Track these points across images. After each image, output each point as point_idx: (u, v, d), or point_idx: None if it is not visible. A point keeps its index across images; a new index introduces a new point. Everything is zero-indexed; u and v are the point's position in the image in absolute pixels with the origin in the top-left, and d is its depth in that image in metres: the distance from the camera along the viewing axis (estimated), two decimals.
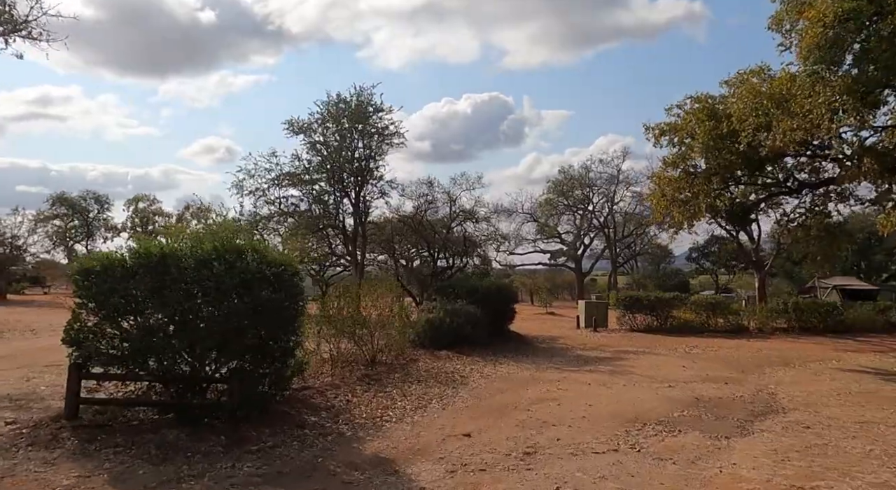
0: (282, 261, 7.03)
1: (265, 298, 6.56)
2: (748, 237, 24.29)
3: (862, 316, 22.74)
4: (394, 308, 12.57)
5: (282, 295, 6.88)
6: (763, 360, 15.72)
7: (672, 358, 15.94)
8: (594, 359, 15.29)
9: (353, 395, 8.91)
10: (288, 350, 7.22)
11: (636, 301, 22.58)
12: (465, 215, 21.20)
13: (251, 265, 6.48)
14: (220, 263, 6.27)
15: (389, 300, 12.33)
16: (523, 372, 12.59)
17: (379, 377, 10.32)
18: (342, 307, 10.85)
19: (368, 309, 11.82)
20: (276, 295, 6.75)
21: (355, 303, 10.98)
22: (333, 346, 10.66)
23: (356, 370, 10.72)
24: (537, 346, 18.04)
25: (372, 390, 9.31)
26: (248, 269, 6.43)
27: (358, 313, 11.84)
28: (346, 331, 10.72)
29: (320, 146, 20.47)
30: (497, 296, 17.21)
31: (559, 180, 41.26)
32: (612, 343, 19.25)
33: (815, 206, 16.28)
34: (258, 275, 6.51)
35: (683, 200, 17.10)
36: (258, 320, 6.59)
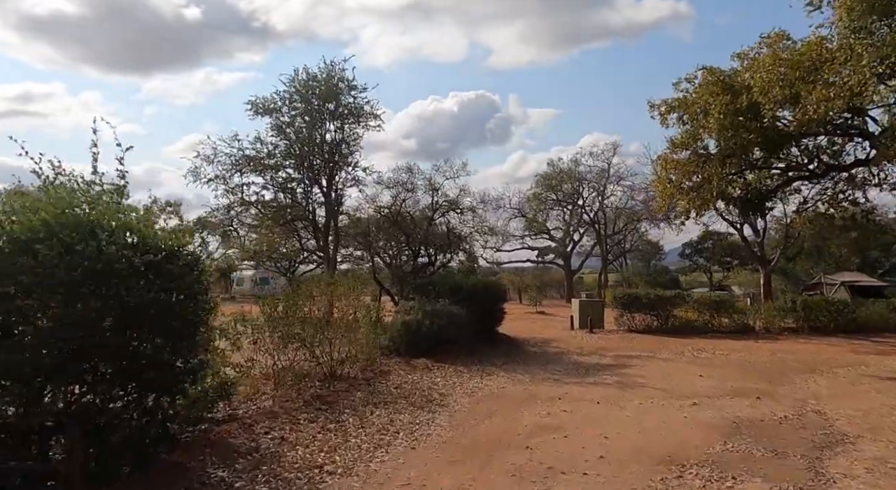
0: (167, 244, 4.71)
1: (140, 299, 4.26)
2: (753, 230, 22.38)
3: (874, 314, 20.84)
4: (361, 309, 10.26)
5: (168, 295, 4.57)
6: (783, 366, 13.69)
7: (681, 363, 13.84)
8: (596, 366, 13.12)
9: (293, 427, 6.60)
10: (181, 374, 4.89)
11: (635, 299, 20.47)
12: (448, 206, 18.90)
13: (108, 249, 4.14)
14: (51, 247, 3.93)
15: (355, 300, 10.01)
16: (516, 386, 10.35)
17: (335, 398, 8.01)
18: (293, 307, 8.50)
19: (327, 309, 9.51)
20: (158, 295, 4.44)
21: (305, 303, 8.63)
22: (278, 358, 8.30)
23: (308, 389, 8.41)
24: (529, 350, 15.83)
25: (320, 420, 7.00)
26: (103, 256, 4.10)
27: (320, 316, 9.54)
28: (295, 338, 8.39)
29: (287, 128, 18.06)
30: (484, 294, 14.98)
31: (548, 174, 39.16)
32: (612, 346, 17.10)
33: (839, 193, 14.29)
34: (122, 264, 4.19)
35: (693, 186, 15.02)
36: (126, 332, 4.27)
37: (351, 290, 9.98)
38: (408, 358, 12.22)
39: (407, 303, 13.71)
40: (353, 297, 10.05)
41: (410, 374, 10.65)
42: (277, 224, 19.07)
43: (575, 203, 39.94)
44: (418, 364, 11.63)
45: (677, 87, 14.98)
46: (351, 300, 10.06)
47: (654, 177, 15.42)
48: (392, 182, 18.02)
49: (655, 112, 15.23)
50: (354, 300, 10.07)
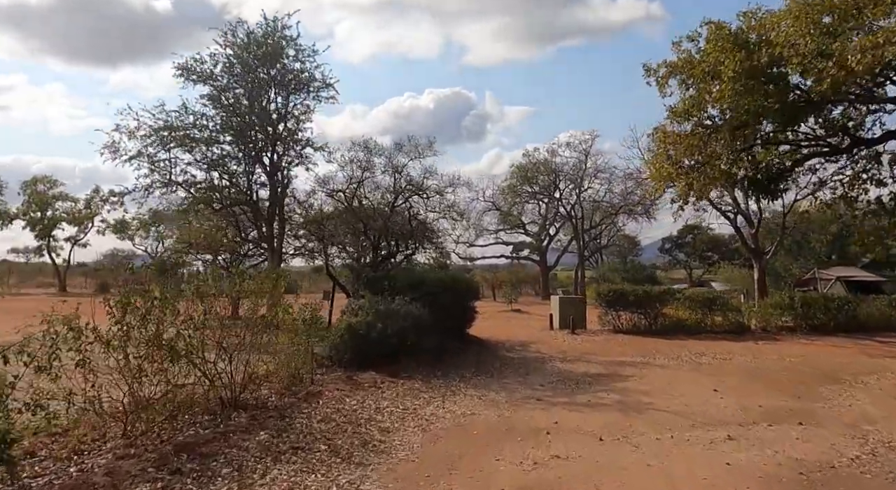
0: None
1: None
2: (747, 220, 20.30)
3: (876, 312, 18.94)
4: (281, 309, 7.53)
5: None
6: (801, 375, 11.48)
7: (685, 372, 11.48)
8: (586, 377, 10.64)
9: None
10: None
11: (621, 296, 18.12)
12: (412, 189, 16.21)
13: None
14: None
15: (274, 298, 7.27)
16: (488, 410, 7.75)
17: (218, 446, 5.28)
18: (162, 307, 5.71)
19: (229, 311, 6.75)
20: None
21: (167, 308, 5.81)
22: (133, 384, 5.46)
23: (187, 428, 5.66)
24: (505, 356, 13.29)
25: None
26: None
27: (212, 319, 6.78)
28: (166, 350, 5.60)
29: (224, 96, 15.13)
30: (451, 291, 12.36)
31: (523, 165, 36.76)
32: (599, 350, 14.70)
33: (861, 172, 12.13)
34: None
35: (695, 164, 12.67)
36: None
37: (260, 285, 7.18)
38: (352, 371, 9.54)
39: (356, 301, 11.01)
40: (270, 296, 7.28)
41: (350, 395, 7.96)
42: (213, 209, 16.11)
43: (551, 195, 37.63)
44: (364, 380, 8.95)
45: (677, 48, 12.59)
46: (264, 299, 7.30)
47: (648, 155, 13.02)
48: (346, 161, 15.22)
49: (652, 78, 12.84)
50: (271, 299, 7.30)
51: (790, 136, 12.16)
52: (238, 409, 6.44)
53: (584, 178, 35.81)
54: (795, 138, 12.26)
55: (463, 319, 13.23)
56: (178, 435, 5.45)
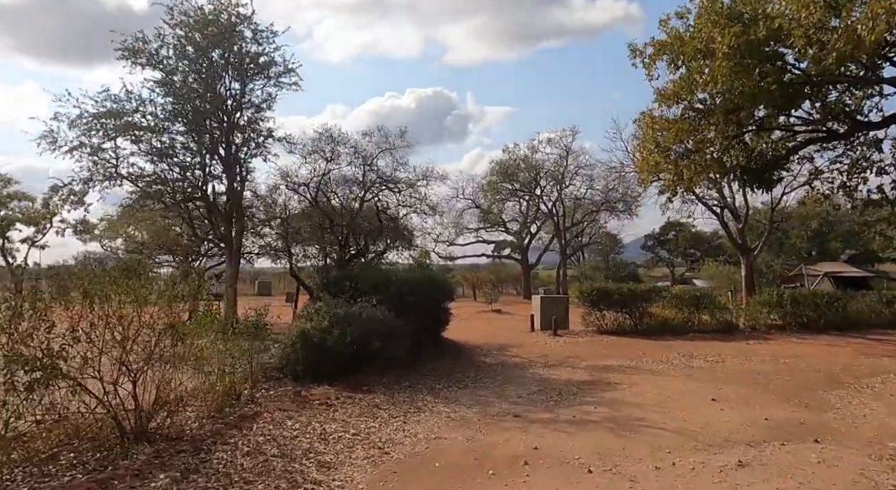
0: None
1: None
2: (733, 215, 19.43)
3: (866, 308, 18.19)
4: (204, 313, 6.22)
5: None
6: (802, 378, 10.53)
7: (678, 379, 10.41)
8: (570, 386, 9.49)
9: None
10: None
11: (605, 295, 17.07)
12: (382, 182, 14.93)
13: None
14: None
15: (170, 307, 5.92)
16: (457, 432, 6.53)
17: None
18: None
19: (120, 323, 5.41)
20: None
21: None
22: None
23: (62, 473, 4.35)
24: (482, 362, 12.11)
25: None
26: None
27: None
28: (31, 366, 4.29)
29: (174, 81, 13.70)
30: (423, 291, 11.11)
31: (503, 161, 35.65)
32: (583, 353, 13.60)
33: (860, 160, 11.20)
34: None
35: (685, 152, 11.65)
36: None
37: (147, 290, 5.77)
38: (305, 385, 8.26)
39: (313, 305, 9.71)
40: (169, 303, 5.90)
41: (294, 416, 6.68)
42: (165, 205, 14.64)
43: (532, 192, 36.56)
44: (315, 396, 7.68)
45: (664, 26, 11.52)
46: (183, 303, 5.97)
47: (634, 143, 11.94)
48: (309, 152, 13.88)
49: (638, 59, 11.75)
50: (176, 308, 5.94)
51: (786, 122, 11.17)
52: (145, 442, 5.13)
53: (564, 175, 34.82)
54: (791, 123, 11.29)
55: (436, 322, 12.01)
56: (45, 484, 4.14)
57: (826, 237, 38.03)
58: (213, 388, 6.44)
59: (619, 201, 35.48)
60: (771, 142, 11.67)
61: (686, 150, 11.77)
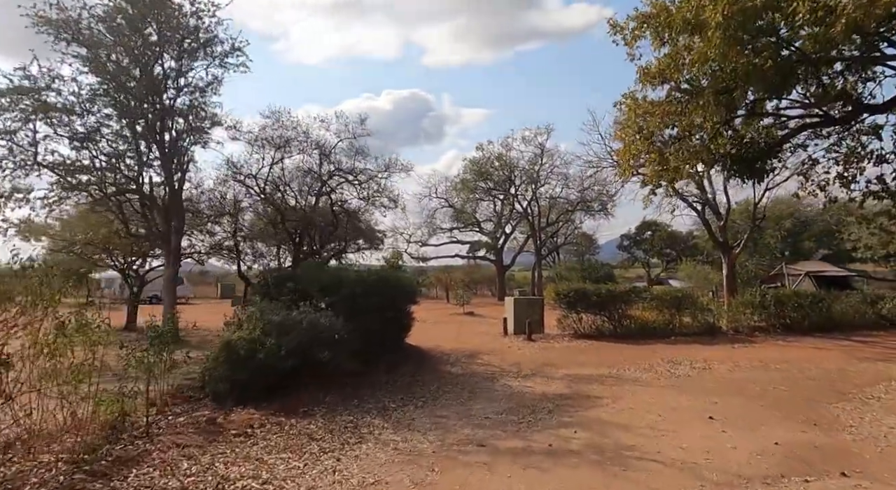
0: None
1: None
2: (713, 211, 18.45)
3: (850, 309, 17.39)
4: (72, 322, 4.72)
5: None
6: (799, 388, 9.45)
7: (666, 391, 9.18)
8: (546, 402, 8.17)
9: None
10: None
11: (582, 297, 15.87)
12: (340, 174, 13.44)
13: None
14: None
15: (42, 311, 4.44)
16: (404, 472, 5.13)
17: None
18: None
19: None
20: None
21: None
22: None
23: None
24: (448, 373, 10.72)
25: None
26: None
27: None
28: None
29: (99, 56, 12.00)
30: (380, 293, 9.65)
31: (477, 159, 34.38)
32: (560, 360, 12.33)
33: (858, 148, 10.17)
34: None
35: (672, 139, 10.48)
36: None
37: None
38: (226, 409, 6.76)
39: (244, 310, 8.18)
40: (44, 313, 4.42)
41: (194, 456, 5.17)
42: (93, 198, 12.89)
43: (507, 191, 35.37)
44: (233, 424, 6.19)
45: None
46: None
47: (616, 128, 10.72)
48: (256, 138, 12.30)
49: (619, 35, 10.53)
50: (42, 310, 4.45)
51: (778, 106, 10.09)
52: None
53: (539, 174, 33.73)
54: (785, 107, 10.21)
55: (396, 328, 10.58)
56: None
57: (799, 237, 37.76)
58: (84, 421, 4.90)
59: (595, 201, 34.60)
60: (762, 128, 10.58)
61: (672, 137, 10.59)
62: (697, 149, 9.77)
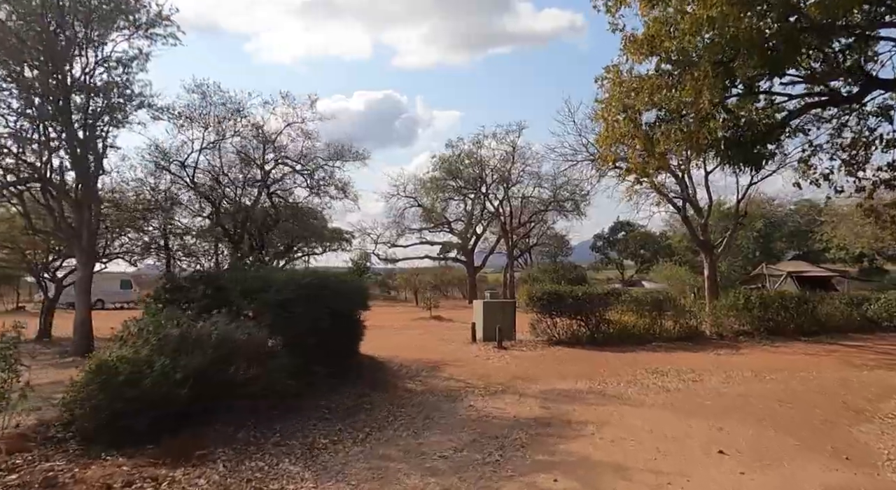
0: None
1: None
2: (694, 208, 17.29)
3: (836, 311, 16.43)
4: None
5: None
6: (810, 406, 8.17)
7: (660, 412, 7.75)
8: (517, 431, 6.60)
9: None
10: None
11: (557, 299, 14.43)
12: (286, 163, 11.67)
13: None
14: None
15: None
16: None
17: None
18: None
19: None
20: None
21: None
22: None
23: None
24: (404, 389, 9.07)
25: None
26: None
27: None
28: None
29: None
30: (320, 298, 7.92)
31: (446, 156, 32.85)
32: (533, 372, 10.82)
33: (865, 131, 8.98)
34: None
35: (660, 118, 9.10)
36: None
37: None
38: (92, 455, 4.97)
39: (135, 323, 6.37)
40: None
41: None
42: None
43: (477, 190, 33.90)
44: (87, 481, 4.41)
45: None
46: None
47: (597, 106, 9.27)
48: (178, 115, 10.46)
49: (601, 0, 9.08)
50: None
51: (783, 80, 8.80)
52: None
53: (511, 172, 32.36)
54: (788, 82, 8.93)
55: (342, 339, 8.87)
56: None
57: (770, 238, 37.34)
58: None
59: (568, 200, 33.44)
60: (761, 109, 9.28)
61: (661, 117, 9.20)
62: (690, 130, 8.39)
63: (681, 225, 40.30)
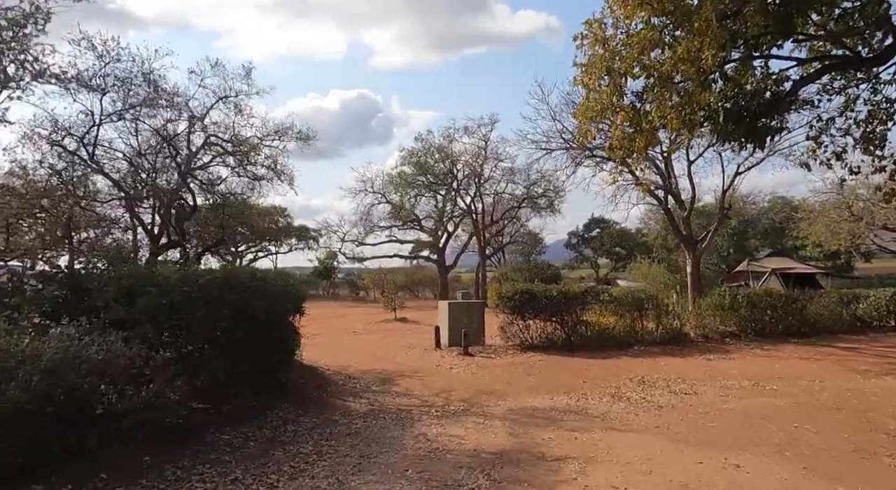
0: None
1: None
2: (676, 201, 15.95)
3: (824, 310, 15.27)
4: None
5: None
6: (834, 429, 6.73)
7: (657, 440, 6.23)
8: (476, 473, 4.97)
9: None
10: None
11: (530, 299, 12.86)
12: (216, 142, 9.78)
13: None
14: None
15: None
16: None
17: None
18: None
19: None
20: None
21: None
22: None
23: None
24: (343, 412, 7.34)
25: None
26: None
27: None
28: None
29: None
30: (232, 304, 6.12)
31: (415, 150, 31.12)
32: (503, 384, 9.23)
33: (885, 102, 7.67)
34: None
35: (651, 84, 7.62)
36: None
37: None
38: None
39: None
40: None
41: None
42: None
43: (449, 186, 32.20)
44: None
45: None
46: None
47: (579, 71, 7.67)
48: (69, 78, 8.51)
49: None
50: None
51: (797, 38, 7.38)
52: None
53: (483, 167, 30.76)
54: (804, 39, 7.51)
55: (270, 349, 7.07)
56: None
57: (745, 235, 36.68)
58: None
59: (542, 197, 32.04)
60: (767, 76, 7.83)
61: (648, 86, 7.67)
62: (689, 92, 6.88)
63: (656, 222, 39.62)
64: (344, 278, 45.59)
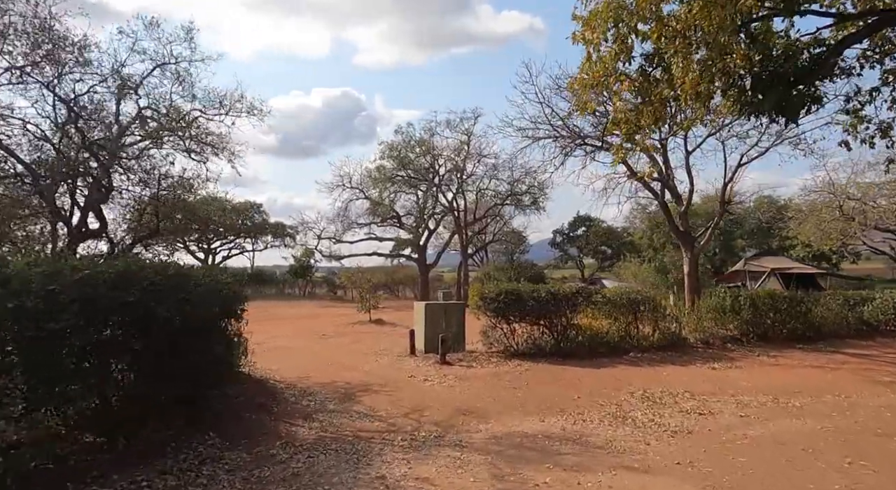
0: None
1: None
2: (673, 195, 14.68)
3: (829, 313, 14.15)
4: None
5: None
6: (891, 461, 5.33)
7: (671, 480, 4.77)
8: None
9: None
10: None
11: (517, 300, 11.43)
12: (159, 120, 8.15)
13: None
14: None
15: None
16: None
17: None
18: None
19: None
20: None
21: None
22: None
23: None
24: (285, 439, 5.80)
25: None
26: None
27: None
28: None
29: None
30: (129, 308, 4.58)
31: (395, 143, 29.53)
32: (484, 401, 7.78)
33: None
34: None
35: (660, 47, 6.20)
36: None
37: None
38: None
39: None
40: None
41: None
42: None
43: (430, 182, 30.69)
44: None
45: None
46: None
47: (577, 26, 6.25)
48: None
49: None
50: None
51: None
52: None
53: (465, 162, 29.34)
54: None
55: (193, 365, 5.52)
56: None
57: (731, 235, 35.85)
58: None
59: (526, 194, 30.75)
60: (800, 38, 6.52)
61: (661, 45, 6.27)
62: (721, 44, 5.52)
63: (641, 221, 38.60)
64: (324, 277, 43.93)
